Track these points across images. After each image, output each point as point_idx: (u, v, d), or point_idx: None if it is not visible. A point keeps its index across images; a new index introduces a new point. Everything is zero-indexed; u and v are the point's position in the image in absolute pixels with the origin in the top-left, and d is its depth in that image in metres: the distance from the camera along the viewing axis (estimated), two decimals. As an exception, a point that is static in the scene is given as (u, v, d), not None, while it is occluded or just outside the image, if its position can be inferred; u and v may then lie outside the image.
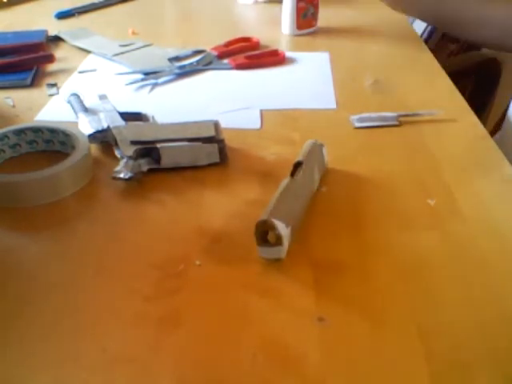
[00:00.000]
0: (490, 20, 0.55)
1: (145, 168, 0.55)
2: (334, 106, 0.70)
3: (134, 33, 0.96)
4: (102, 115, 0.62)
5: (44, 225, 0.49)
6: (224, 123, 0.60)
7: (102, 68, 0.82)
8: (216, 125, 0.59)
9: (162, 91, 0.75)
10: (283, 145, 0.61)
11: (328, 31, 0.97)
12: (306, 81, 0.78)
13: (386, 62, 0.85)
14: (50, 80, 0.77)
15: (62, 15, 1.04)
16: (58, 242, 0.47)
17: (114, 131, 0.57)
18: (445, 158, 0.58)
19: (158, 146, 0.55)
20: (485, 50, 1.21)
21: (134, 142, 0.55)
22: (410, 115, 0.66)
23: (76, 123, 0.62)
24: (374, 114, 0.66)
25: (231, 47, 0.87)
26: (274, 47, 0.91)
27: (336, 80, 0.77)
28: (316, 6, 0.95)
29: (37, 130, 0.59)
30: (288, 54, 0.88)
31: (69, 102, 0.67)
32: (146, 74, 0.78)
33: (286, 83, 0.77)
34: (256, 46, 0.89)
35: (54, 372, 0.36)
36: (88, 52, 0.88)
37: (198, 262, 0.44)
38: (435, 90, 0.74)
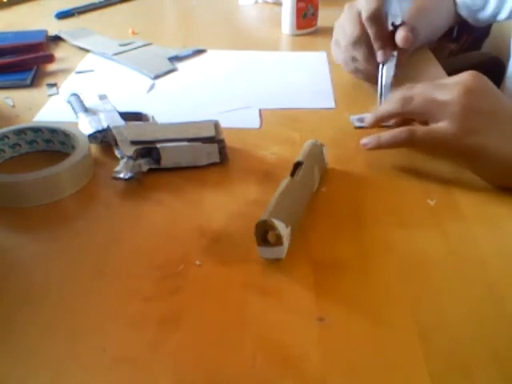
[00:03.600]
0: None
1: (145, 168, 0.55)
2: (332, 105, 0.70)
3: (133, 32, 0.96)
4: (102, 115, 0.62)
5: (44, 225, 0.49)
6: (223, 123, 0.60)
7: (101, 68, 0.82)
8: (216, 125, 0.59)
9: (161, 91, 0.75)
10: (283, 145, 0.61)
11: (328, 31, 0.96)
12: (305, 80, 0.78)
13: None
14: (50, 80, 0.77)
15: (62, 15, 1.04)
16: (57, 241, 0.47)
17: (114, 131, 0.57)
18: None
19: (158, 146, 0.55)
20: (486, 50, 1.21)
21: (134, 142, 0.55)
22: (410, 115, 0.65)
23: (76, 123, 0.62)
24: (374, 114, 0.65)
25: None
26: (273, 47, 0.91)
27: (336, 80, 0.77)
28: (316, 6, 0.95)
29: (37, 130, 0.59)
30: (288, 53, 0.89)
31: (69, 102, 0.67)
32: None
33: (285, 83, 0.77)
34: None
35: (53, 372, 0.36)
36: (88, 52, 0.88)
37: (198, 262, 0.44)
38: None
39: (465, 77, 0.53)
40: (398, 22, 0.67)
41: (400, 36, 0.66)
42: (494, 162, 0.50)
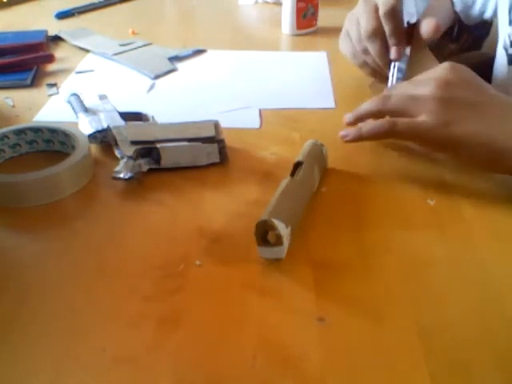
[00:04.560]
0: None
1: (145, 168, 0.55)
2: (333, 105, 0.71)
3: (134, 33, 0.96)
4: (102, 115, 0.62)
5: (44, 225, 0.49)
6: (223, 123, 0.60)
7: (101, 68, 0.82)
8: (216, 125, 0.59)
9: (161, 91, 0.75)
10: (283, 145, 0.61)
11: (328, 31, 0.97)
12: (305, 80, 0.78)
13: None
14: (50, 80, 0.77)
15: (62, 15, 1.04)
16: (57, 241, 0.47)
17: (114, 131, 0.57)
18: (445, 158, 0.57)
19: (158, 145, 0.55)
20: (486, 49, 1.21)
21: (134, 142, 0.55)
22: (410, 115, 0.65)
23: (76, 123, 0.62)
24: (374, 114, 0.65)
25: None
26: (273, 47, 0.91)
27: (336, 80, 0.77)
28: (316, 6, 0.95)
29: (37, 130, 0.59)
30: (288, 53, 0.89)
31: (69, 101, 0.67)
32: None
33: (285, 83, 0.77)
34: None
35: (53, 372, 0.36)
36: (88, 52, 0.88)
37: (198, 262, 0.44)
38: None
39: (441, 69, 0.53)
40: (413, 21, 0.66)
41: (428, 26, 0.64)
42: (479, 149, 0.50)
